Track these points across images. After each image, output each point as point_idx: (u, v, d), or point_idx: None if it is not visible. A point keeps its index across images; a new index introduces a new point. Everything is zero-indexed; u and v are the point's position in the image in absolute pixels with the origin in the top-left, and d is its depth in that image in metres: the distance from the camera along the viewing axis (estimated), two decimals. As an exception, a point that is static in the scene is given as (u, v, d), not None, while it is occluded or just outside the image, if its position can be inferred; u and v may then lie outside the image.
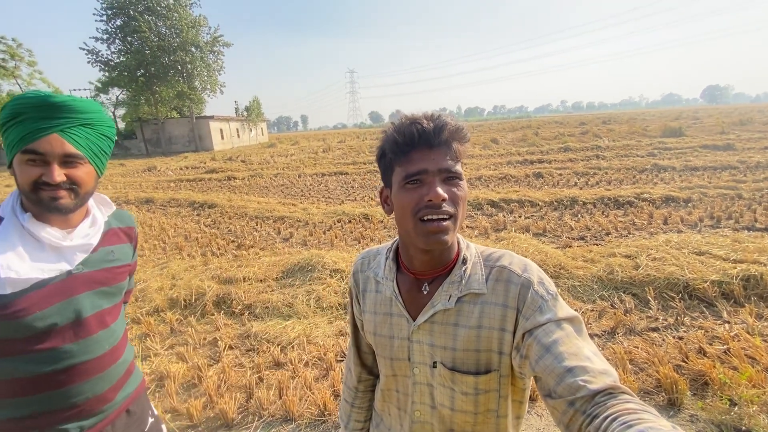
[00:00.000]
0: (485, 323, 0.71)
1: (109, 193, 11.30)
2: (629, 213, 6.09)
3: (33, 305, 0.86)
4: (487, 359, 0.72)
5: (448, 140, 0.69)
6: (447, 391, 0.75)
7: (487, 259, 0.76)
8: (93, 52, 32.59)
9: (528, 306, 0.68)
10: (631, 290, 3.49)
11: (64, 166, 0.88)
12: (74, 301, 0.92)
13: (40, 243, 0.88)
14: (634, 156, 11.86)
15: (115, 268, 1.03)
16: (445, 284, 0.75)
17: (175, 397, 2.52)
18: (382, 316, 0.82)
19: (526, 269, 0.72)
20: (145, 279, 4.40)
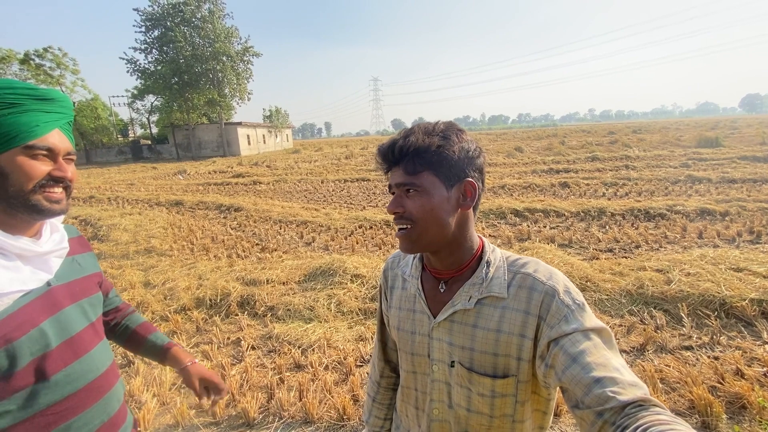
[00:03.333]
0: (505, 328, 0.71)
1: (142, 195, 11.79)
2: (661, 225, 5.86)
3: (25, 323, 0.77)
4: (505, 364, 0.72)
5: (402, 155, 0.73)
6: (464, 391, 0.76)
7: (512, 264, 0.77)
8: (132, 62, 34.35)
9: (553, 315, 0.67)
10: (662, 306, 3.35)
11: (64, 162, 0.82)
12: (64, 315, 0.84)
13: (6, 255, 0.77)
14: (667, 167, 11.42)
15: (85, 278, 0.95)
16: (467, 285, 0.76)
17: (200, 393, 2.59)
18: (406, 311, 0.86)
19: (552, 277, 0.72)
20: (174, 278, 4.56)
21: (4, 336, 0.73)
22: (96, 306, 0.96)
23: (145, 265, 5.26)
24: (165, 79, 33.34)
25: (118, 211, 9.18)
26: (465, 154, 0.73)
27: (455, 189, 0.73)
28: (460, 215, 0.75)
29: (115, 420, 0.93)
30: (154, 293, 4.21)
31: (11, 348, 0.74)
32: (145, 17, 33.20)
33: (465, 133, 0.76)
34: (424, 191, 0.72)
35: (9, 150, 0.74)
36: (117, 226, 7.42)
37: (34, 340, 0.77)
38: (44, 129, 0.78)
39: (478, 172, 0.76)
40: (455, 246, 0.77)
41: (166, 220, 8.17)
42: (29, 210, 0.78)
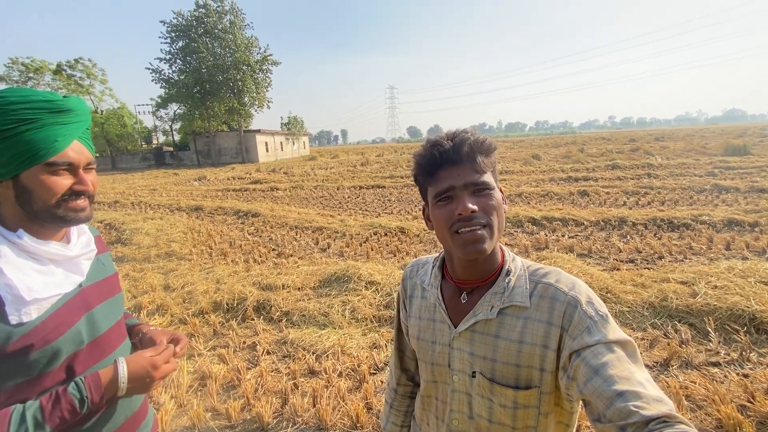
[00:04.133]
0: (527, 339, 0.70)
1: (163, 201, 12.12)
2: (685, 236, 5.67)
3: (63, 323, 0.81)
4: (527, 375, 0.71)
5: (470, 155, 0.71)
6: (485, 401, 0.75)
7: (533, 273, 0.76)
8: (157, 71, 35.59)
9: (575, 326, 0.66)
10: (687, 320, 3.23)
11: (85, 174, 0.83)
12: (94, 314, 0.88)
13: (40, 260, 0.80)
14: (692, 175, 11.07)
15: (109, 278, 0.98)
16: (488, 295, 0.76)
17: (216, 396, 2.62)
18: (426, 321, 0.85)
19: (574, 287, 0.71)
20: (192, 282, 4.66)
21: (44, 338, 0.76)
22: (120, 304, 0.99)
23: (166, 268, 5.39)
24: (188, 88, 34.39)
25: (140, 216, 9.45)
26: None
27: (497, 189, 0.75)
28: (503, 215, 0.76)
29: (138, 415, 0.97)
30: (173, 296, 4.31)
31: (50, 349, 0.77)
32: (170, 29, 34.42)
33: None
34: (494, 191, 0.73)
35: (30, 168, 0.76)
36: (139, 230, 7.64)
37: (70, 340, 0.81)
38: (63, 143, 0.78)
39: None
40: (495, 249, 0.77)
41: (186, 224, 8.37)
42: (56, 221, 0.81)
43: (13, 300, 0.74)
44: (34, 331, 0.76)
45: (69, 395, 0.76)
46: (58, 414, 0.74)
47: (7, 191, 0.78)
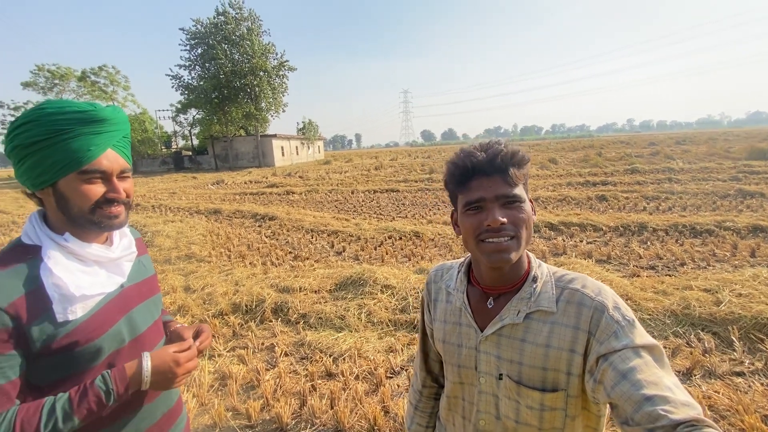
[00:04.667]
0: (554, 343, 0.72)
1: (183, 204, 12.42)
2: (708, 242, 5.53)
3: (105, 322, 0.85)
4: (554, 378, 0.72)
5: (502, 167, 0.73)
6: (512, 403, 0.77)
7: (559, 279, 0.78)
8: (176, 78, 36.54)
9: (602, 330, 0.67)
10: (710, 328, 3.16)
11: (119, 181, 0.86)
12: (133, 315, 0.92)
13: (85, 262, 0.85)
14: (715, 180, 10.77)
15: (149, 279, 1.03)
16: (515, 300, 0.78)
17: (236, 396, 2.69)
18: (451, 325, 0.87)
19: (600, 293, 0.72)
20: (212, 283, 4.77)
21: (87, 336, 0.82)
22: (158, 304, 1.04)
23: (186, 270, 5.52)
24: (206, 94, 35.19)
25: (161, 219, 9.71)
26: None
27: (529, 200, 0.77)
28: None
29: (173, 411, 1.02)
30: (193, 297, 4.42)
31: (92, 346, 0.83)
32: (189, 36, 35.33)
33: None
34: (525, 203, 0.75)
35: (66, 176, 0.80)
36: (160, 232, 7.85)
37: (111, 338, 0.86)
38: (96, 152, 0.82)
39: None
40: (522, 257, 0.79)
41: (205, 227, 8.56)
42: (92, 226, 0.85)
43: (60, 299, 0.79)
44: (79, 329, 0.80)
45: (96, 388, 0.79)
46: (86, 406, 0.78)
47: (49, 198, 0.83)
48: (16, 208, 13.78)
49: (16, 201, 16.31)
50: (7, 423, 0.72)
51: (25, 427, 0.73)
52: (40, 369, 0.79)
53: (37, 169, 0.80)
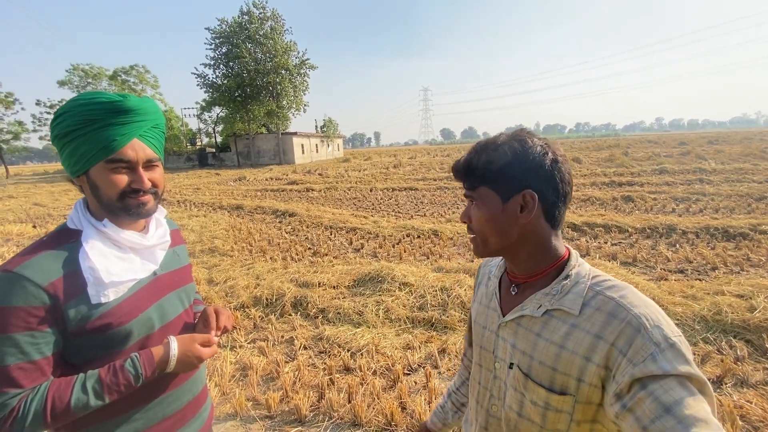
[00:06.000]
0: (569, 345, 0.69)
1: (206, 199, 12.75)
2: (742, 246, 5.28)
3: (137, 308, 0.88)
4: (563, 381, 0.70)
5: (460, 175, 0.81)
6: (518, 395, 0.77)
7: (597, 284, 0.72)
8: (201, 76, 37.48)
9: (636, 350, 0.61)
10: (743, 335, 3.02)
11: (146, 171, 0.89)
12: (164, 303, 0.95)
13: (122, 248, 0.89)
14: (750, 181, 10.26)
15: (182, 269, 1.06)
16: (539, 293, 0.77)
17: (256, 387, 2.75)
18: (483, 307, 0.91)
19: (639, 307, 0.65)
20: (234, 277, 4.88)
21: (119, 319, 0.85)
22: (190, 294, 1.07)
23: (209, 263, 5.67)
24: (230, 92, 35.97)
25: (186, 213, 10.00)
26: (524, 164, 0.72)
27: (512, 201, 0.73)
28: (524, 225, 0.74)
29: (199, 398, 1.05)
30: (216, 290, 4.54)
31: (123, 330, 0.86)
32: (214, 35, 36.16)
33: (530, 140, 0.74)
34: (480, 204, 0.77)
35: (95, 165, 0.84)
36: (185, 227, 8.09)
37: (142, 324, 0.89)
38: (121, 142, 0.84)
39: (545, 180, 0.72)
40: (523, 254, 0.78)
41: (227, 222, 8.77)
42: (123, 213, 0.88)
43: (95, 282, 0.82)
44: (111, 311, 0.84)
45: (126, 371, 0.84)
46: (116, 388, 0.82)
47: (85, 185, 0.88)
48: (51, 201, 14.46)
49: (51, 194, 17.12)
50: (40, 396, 0.76)
51: (56, 401, 0.77)
52: (75, 348, 0.83)
53: (72, 158, 0.84)
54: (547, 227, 0.76)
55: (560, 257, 0.78)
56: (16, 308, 0.74)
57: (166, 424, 0.95)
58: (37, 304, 0.76)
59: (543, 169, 0.72)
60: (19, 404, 0.75)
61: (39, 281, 0.76)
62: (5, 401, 0.74)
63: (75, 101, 0.83)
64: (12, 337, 0.74)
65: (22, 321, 0.75)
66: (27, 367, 0.76)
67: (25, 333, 0.75)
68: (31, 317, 0.75)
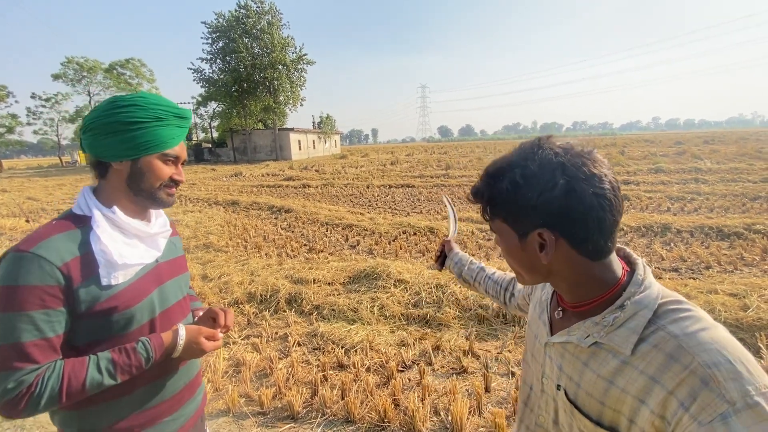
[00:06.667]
0: (619, 382, 0.59)
1: (202, 195, 12.67)
2: (736, 246, 5.31)
3: (141, 292, 0.93)
4: (613, 417, 0.61)
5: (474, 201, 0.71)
6: (567, 417, 0.70)
7: (661, 315, 0.59)
8: (198, 71, 37.17)
9: (702, 406, 0.49)
10: (737, 334, 3.03)
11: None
12: (165, 288, 1.00)
13: (127, 234, 0.94)
14: (744, 181, 10.33)
15: (179, 258, 1.11)
16: (589, 321, 0.65)
17: (249, 383, 2.73)
18: (536, 314, 0.84)
19: (712, 353, 0.52)
20: (228, 273, 4.85)
21: (125, 302, 0.89)
22: (186, 282, 1.13)
23: (204, 259, 5.64)
24: (226, 87, 35.71)
25: (181, 208, 9.94)
26: (535, 196, 0.60)
27: (531, 238, 0.63)
28: (552, 263, 0.64)
29: (194, 382, 1.11)
30: (210, 286, 4.51)
31: (128, 313, 0.90)
32: (211, 29, 35.84)
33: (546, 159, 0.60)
34: (499, 237, 0.69)
35: (150, 155, 0.94)
36: (180, 222, 8.04)
37: (145, 308, 0.94)
38: (177, 141, 0.98)
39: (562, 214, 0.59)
40: (563, 286, 0.68)
41: (222, 218, 8.72)
42: (152, 201, 0.98)
43: (106, 264, 0.87)
44: (119, 294, 0.89)
45: (138, 353, 0.88)
46: (128, 369, 0.87)
47: (123, 170, 0.93)
48: (45, 195, 14.33)
49: (45, 189, 16.97)
50: (57, 373, 0.80)
51: (72, 379, 0.81)
52: (82, 329, 0.86)
53: (128, 143, 0.91)
54: (584, 261, 0.63)
55: (612, 286, 0.64)
56: (32, 287, 0.78)
57: (165, 405, 1.00)
58: (53, 283, 0.80)
59: (558, 202, 0.59)
60: (36, 380, 0.78)
61: (54, 261, 0.80)
62: (22, 377, 0.77)
63: (144, 98, 0.93)
64: (28, 315, 0.78)
65: (38, 299, 0.78)
66: (41, 344, 0.79)
67: (40, 311, 0.79)
68: (46, 295, 0.79)
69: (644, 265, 0.66)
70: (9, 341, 0.77)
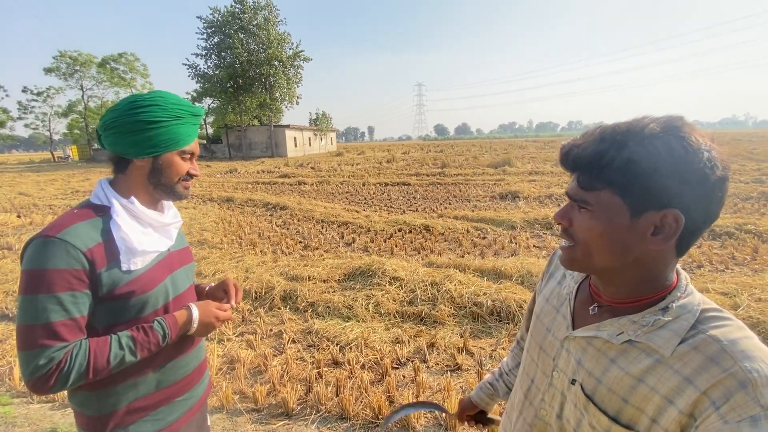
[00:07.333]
0: (649, 381, 0.58)
1: (196, 191, 12.58)
2: (728, 245, 5.37)
3: (156, 278, 0.99)
4: (633, 415, 0.59)
5: (574, 165, 0.63)
6: (577, 412, 0.68)
7: (702, 321, 0.58)
8: (193, 67, 36.83)
9: (733, 407, 0.49)
10: (726, 332, 3.08)
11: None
12: (176, 276, 1.07)
13: (143, 224, 1.00)
14: (737, 182, 10.45)
15: (186, 248, 1.18)
16: (625, 318, 0.63)
17: (243, 380, 2.73)
18: (551, 307, 0.81)
19: (754, 358, 0.51)
20: (223, 270, 4.83)
21: (142, 287, 0.95)
22: (192, 272, 1.19)
23: (198, 255, 5.60)
24: (221, 83, 35.43)
25: (175, 205, 9.84)
26: (682, 174, 0.54)
27: (645, 218, 0.57)
28: (647, 250, 0.59)
29: (202, 366, 1.18)
30: (205, 282, 4.48)
31: (144, 297, 0.96)
32: (206, 24, 35.51)
33: (695, 141, 0.54)
34: (597, 213, 0.60)
35: (170, 151, 1.00)
36: (174, 218, 7.97)
37: (159, 293, 1.00)
38: (193, 137, 1.04)
39: (701, 199, 0.55)
40: (626, 279, 0.64)
41: (217, 215, 8.67)
42: (170, 194, 1.05)
43: (126, 250, 0.93)
44: (137, 279, 0.95)
45: (155, 331, 0.95)
46: (147, 346, 0.93)
47: (145, 165, 0.99)
48: (36, 191, 14.16)
49: (37, 184, 16.76)
50: (84, 350, 0.86)
51: (98, 356, 0.87)
52: (102, 312, 0.92)
53: (151, 141, 0.96)
54: (672, 254, 0.60)
55: (667, 287, 0.63)
56: (60, 270, 0.84)
57: (178, 385, 1.07)
58: (78, 267, 0.85)
59: (704, 186, 0.54)
60: (66, 357, 0.84)
61: (80, 246, 0.86)
62: (52, 354, 0.82)
63: (163, 98, 0.97)
64: (57, 296, 0.83)
65: (66, 281, 0.84)
66: (69, 324, 0.85)
67: (67, 293, 0.84)
68: (73, 278, 0.85)
69: (685, 273, 0.65)
70: (40, 321, 0.82)
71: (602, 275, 0.67)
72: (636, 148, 0.55)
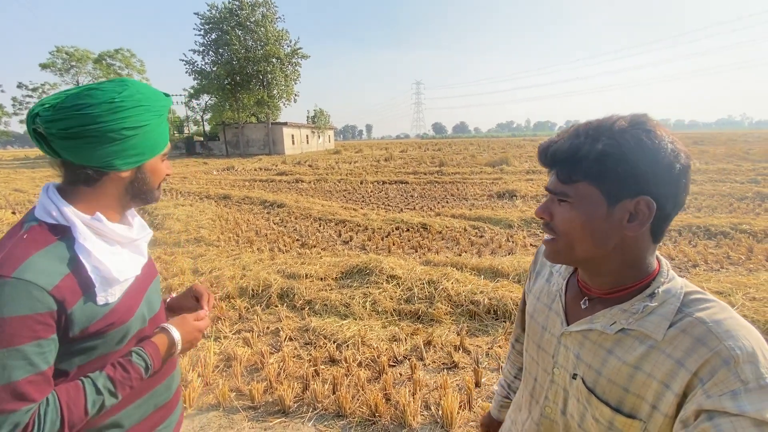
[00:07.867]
0: (645, 368, 0.60)
1: (193, 189, 12.53)
2: (723, 245, 5.41)
3: (134, 303, 0.85)
4: (634, 403, 0.61)
5: (554, 161, 0.66)
6: (580, 406, 0.69)
7: (688, 304, 0.61)
8: (190, 63, 36.63)
9: (716, 383, 0.52)
10: (721, 331, 3.10)
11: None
12: (149, 295, 0.93)
13: (109, 242, 0.83)
14: (732, 182, 10.52)
15: (150, 261, 1.02)
16: (616, 308, 0.66)
17: (240, 378, 2.72)
18: (542, 305, 0.82)
19: (735, 338, 0.54)
20: (220, 267, 4.82)
21: (120, 317, 0.82)
22: (159, 284, 1.05)
23: (195, 253, 5.58)
24: (219, 80, 35.27)
25: (172, 202, 9.82)
26: (650, 164, 0.58)
27: (621, 206, 0.61)
28: (625, 237, 0.62)
29: (179, 389, 1.05)
30: (201, 280, 4.47)
31: (124, 328, 0.83)
32: (204, 21, 35.31)
33: (660, 134, 0.60)
34: (577, 204, 0.63)
35: (155, 156, 0.86)
36: (171, 215, 7.94)
37: (138, 319, 0.87)
38: (169, 135, 0.91)
39: (669, 186, 0.60)
40: (610, 268, 0.66)
41: (214, 212, 8.64)
42: (149, 200, 0.90)
43: (102, 281, 0.77)
44: (115, 310, 0.80)
45: (135, 365, 0.82)
46: (128, 383, 0.80)
47: (126, 177, 0.84)
48: (32, 187, 14.05)
49: (32, 180, 16.64)
50: (53, 407, 0.71)
51: (72, 409, 0.72)
52: (73, 353, 0.77)
53: (137, 149, 0.81)
54: (648, 240, 0.64)
55: (650, 274, 0.66)
56: (22, 317, 0.68)
57: (159, 414, 0.95)
58: (44, 311, 0.69)
59: (670, 174, 0.59)
60: (32, 419, 0.69)
61: (44, 284, 0.70)
62: (18, 420, 0.67)
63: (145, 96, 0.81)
64: (20, 350, 0.68)
65: (30, 330, 0.68)
66: (36, 380, 0.69)
67: (32, 342, 0.69)
68: (37, 325, 0.69)
69: (666, 260, 0.69)
70: (1, 382, 0.66)
71: (586, 266, 0.69)
72: (608, 141, 0.60)
